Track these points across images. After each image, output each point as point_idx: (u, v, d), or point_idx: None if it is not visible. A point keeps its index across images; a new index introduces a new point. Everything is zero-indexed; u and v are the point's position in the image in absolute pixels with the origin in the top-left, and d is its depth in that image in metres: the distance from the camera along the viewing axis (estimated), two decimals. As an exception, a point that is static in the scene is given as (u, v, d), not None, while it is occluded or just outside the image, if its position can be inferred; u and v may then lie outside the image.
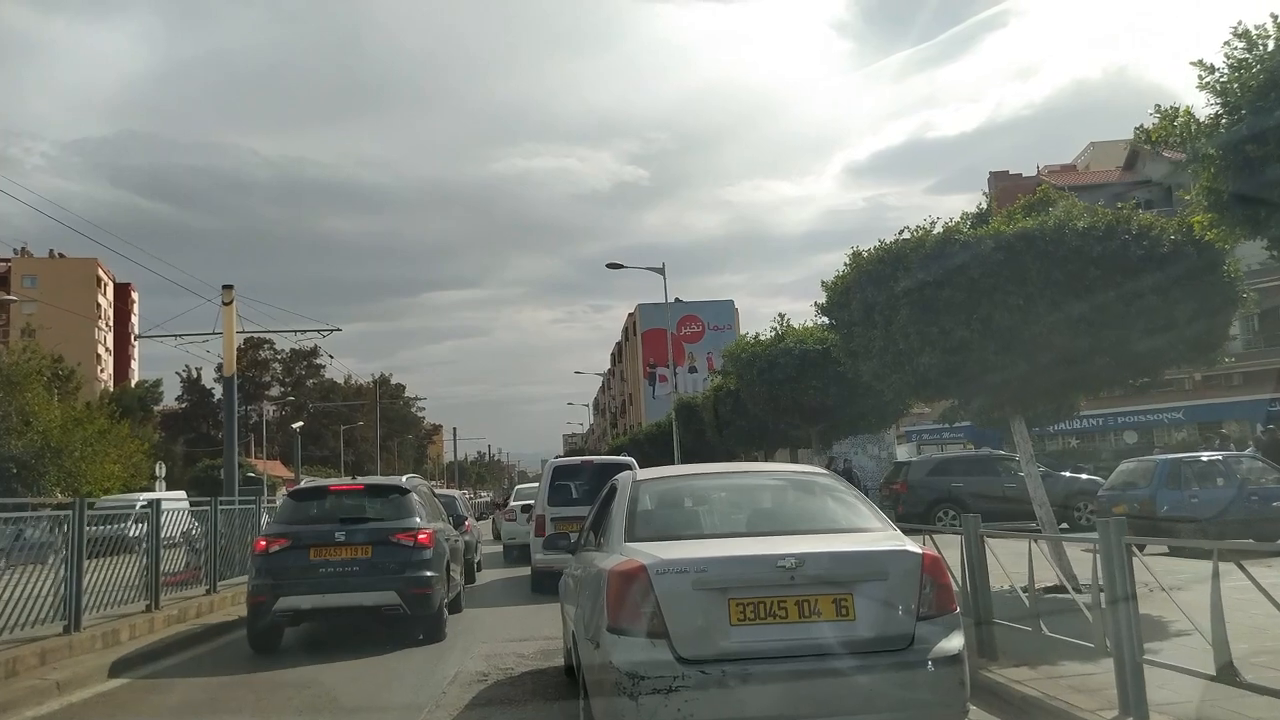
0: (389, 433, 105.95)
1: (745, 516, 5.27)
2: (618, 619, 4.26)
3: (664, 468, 6.34)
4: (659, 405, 66.82)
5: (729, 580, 4.24)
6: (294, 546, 9.07)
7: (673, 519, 5.21)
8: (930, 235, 9.45)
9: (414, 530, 9.35)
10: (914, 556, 4.37)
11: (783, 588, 4.19)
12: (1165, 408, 41.29)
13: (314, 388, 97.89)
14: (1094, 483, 19.71)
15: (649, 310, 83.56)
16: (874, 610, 4.21)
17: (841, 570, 4.28)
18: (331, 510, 9.62)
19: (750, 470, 6.53)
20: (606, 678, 4.22)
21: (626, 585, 4.28)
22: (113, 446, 43.18)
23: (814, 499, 5.28)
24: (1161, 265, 8.79)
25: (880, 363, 10.08)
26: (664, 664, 4.10)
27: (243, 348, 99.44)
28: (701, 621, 4.18)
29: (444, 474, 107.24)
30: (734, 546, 4.56)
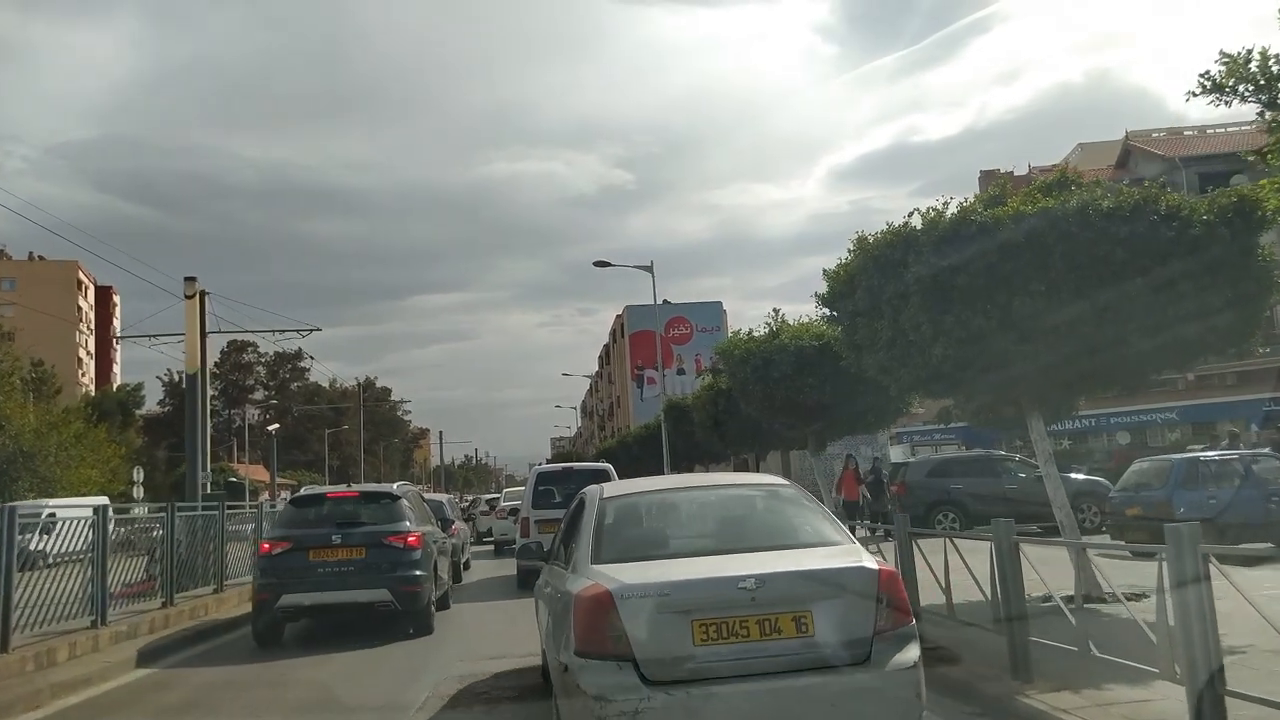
0: (375, 436, 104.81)
1: (710, 532, 5.30)
2: (585, 644, 4.34)
3: (631, 482, 6.36)
4: (647, 407, 66.09)
5: (692, 603, 4.30)
6: (295, 549, 9.85)
7: (638, 538, 5.20)
8: (944, 217, 8.77)
9: (404, 533, 10.12)
10: (871, 573, 4.46)
11: (744, 608, 4.27)
12: (1159, 408, 40.80)
13: (298, 391, 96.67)
14: (1098, 484, 19.09)
15: (636, 312, 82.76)
16: (833, 626, 4.30)
17: (801, 589, 4.36)
18: (329, 515, 10.39)
19: (716, 483, 6.47)
20: (575, 701, 4.33)
21: (592, 611, 4.36)
22: (89, 451, 42.17)
23: (777, 512, 5.36)
24: (1192, 249, 8.14)
25: (888, 355, 9.39)
26: (630, 687, 4.18)
27: (226, 351, 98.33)
28: (666, 643, 4.26)
29: (430, 478, 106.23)
30: (698, 567, 4.59)
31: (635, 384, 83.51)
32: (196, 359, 13.49)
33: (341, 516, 10.32)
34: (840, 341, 11.23)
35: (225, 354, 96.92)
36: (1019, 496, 18.70)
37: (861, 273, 9.60)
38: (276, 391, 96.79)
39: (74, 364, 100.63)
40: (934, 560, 7.36)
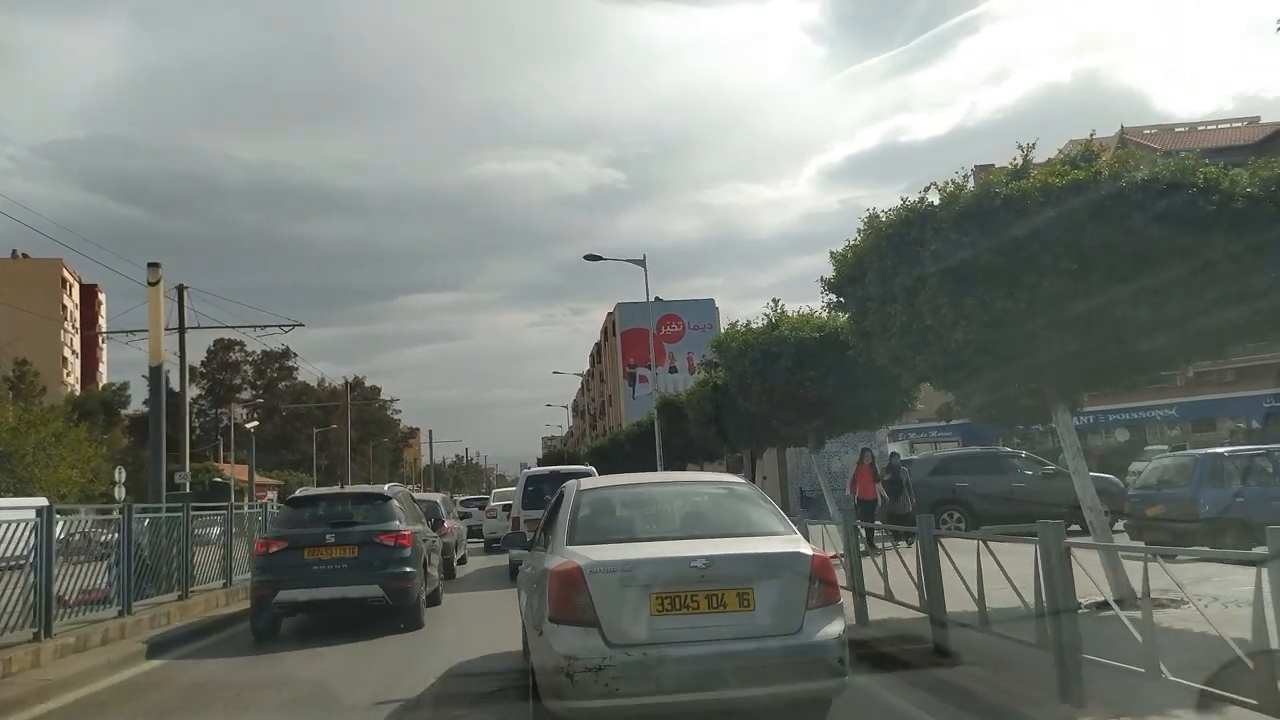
0: (364, 436, 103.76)
1: (670, 522, 5.93)
2: (558, 611, 5.01)
3: (606, 478, 7.44)
4: (639, 406, 65.33)
5: (650, 578, 4.98)
6: (291, 547, 10.32)
7: (608, 524, 5.81)
8: (964, 191, 8.07)
9: (395, 532, 10.61)
10: (806, 558, 5.16)
11: (695, 584, 4.96)
12: (1158, 404, 40.30)
13: (286, 390, 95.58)
14: (1110, 482, 18.44)
15: (628, 309, 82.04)
16: (771, 602, 4.98)
17: (745, 569, 5.06)
18: (323, 515, 10.91)
19: (679, 480, 7.25)
20: (548, 660, 4.97)
21: (565, 583, 5.02)
22: (69, 451, 41.21)
23: (731, 506, 6.07)
24: (1235, 224, 7.47)
25: (901, 343, 8.69)
26: (595, 649, 4.83)
27: (212, 350, 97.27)
28: (627, 613, 4.92)
29: (420, 477, 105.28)
30: (657, 549, 5.25)
31: (627, 382, 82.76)
32: (160, 351, 12.72)
33: (335, 516, 10.85)
34: (848, 330, 10.53)
35: (212, 353, 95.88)
36: (1026, 495, 18.06)
37: (872, 254, 8.90)
38: (264, 391, 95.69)
39: (58, 363, 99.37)
40: (958, 562, 6.65)
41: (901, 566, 7.59)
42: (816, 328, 15.18)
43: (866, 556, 10.04)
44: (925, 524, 6.82)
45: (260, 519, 15.11)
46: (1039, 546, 5.35)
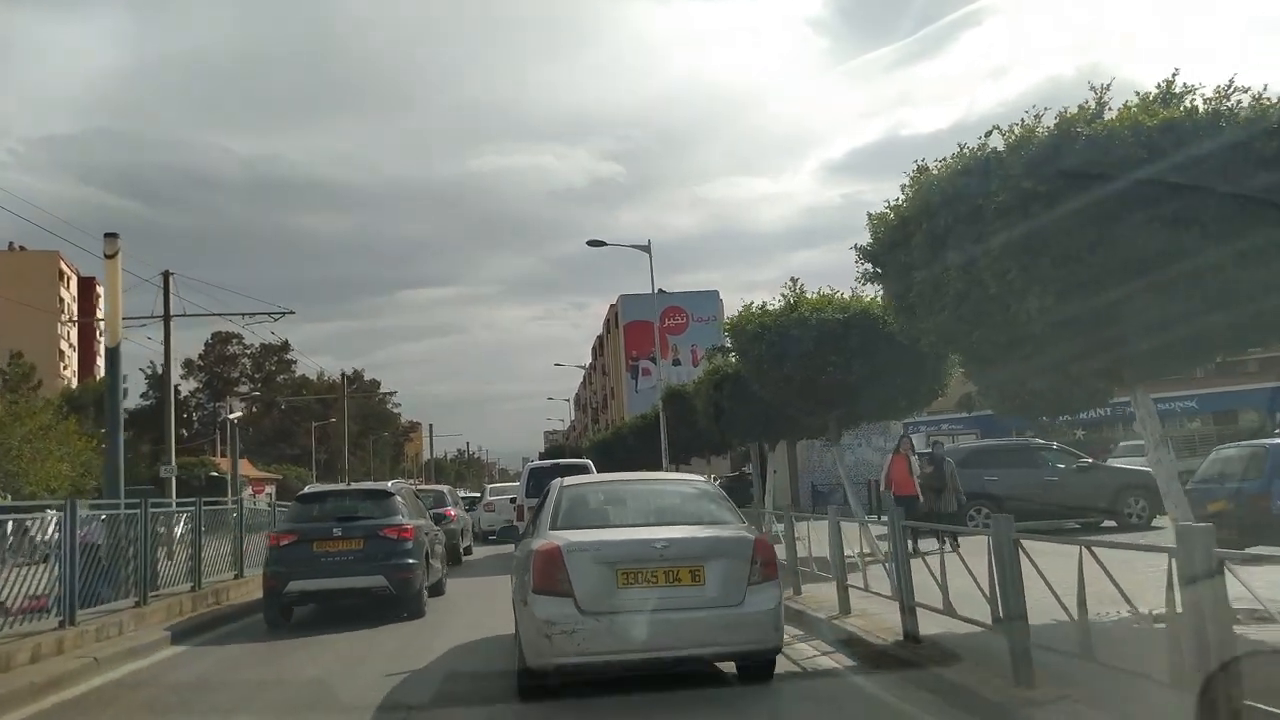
0: (364, 430, 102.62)
1: (639, 513, 6.94)
2: (540, 584, 6.10)
3: (587, 476, 9.22)
4: (642, 399, 64.22)
5: (617, 556, 6.11)
6: (300, 540, 10.97)
7: (585, 514, 6.80)
8: (1035, 132, 6.87)
9: (398, 526, 11.28)
10: (749, 542, 6.34)
11: (655, 561, 6.07)
12: (1177, 396, 39.03)
13: (285, 384, 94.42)
14: (1144, 475, 17.25)
15: (631, 301, 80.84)
16: (719, 578, 6.10)
17: (697, 550, 6.21)
18: (331, 510, 11.60)
19: (650, 478, 8.54)
20: (531, 625, 6.09)
21: (546, 560, 6.13)
22: (58, 445, 40.09)
23: (692, 501, 7.14)
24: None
25: (954, 316, 7.49)
26: (570, 616, 5.95)
27: (210, 343, 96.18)
28: (598, 585, 6.03)
29: (421, 472, 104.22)
30: (625, 534, 6.41)
31: (630, 375, 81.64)
32: (118, 331, 11.54)
33: (342, 511, 11.53)
34: (887, 305, 9.30)
35: (209, 346, 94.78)
36: (1060, 490, 16.90)
37: (920, 213, 7.70)
38: (262, 384, 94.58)
39: (55, 356, 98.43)
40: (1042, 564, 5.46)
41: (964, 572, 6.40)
42: (839, 309, 14.00)
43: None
44: (1004, 525, 5.62)
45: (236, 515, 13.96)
46: (1174, 557, 4.14)
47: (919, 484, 14.55)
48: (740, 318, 14.97)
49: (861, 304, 14.03)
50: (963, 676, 5.83)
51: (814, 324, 13.77)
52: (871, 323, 13.66)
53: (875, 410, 14.73)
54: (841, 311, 13.86)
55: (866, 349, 13.58)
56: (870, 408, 14.58)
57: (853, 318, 13.73)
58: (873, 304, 14.07)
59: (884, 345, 13.61)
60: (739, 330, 14.87)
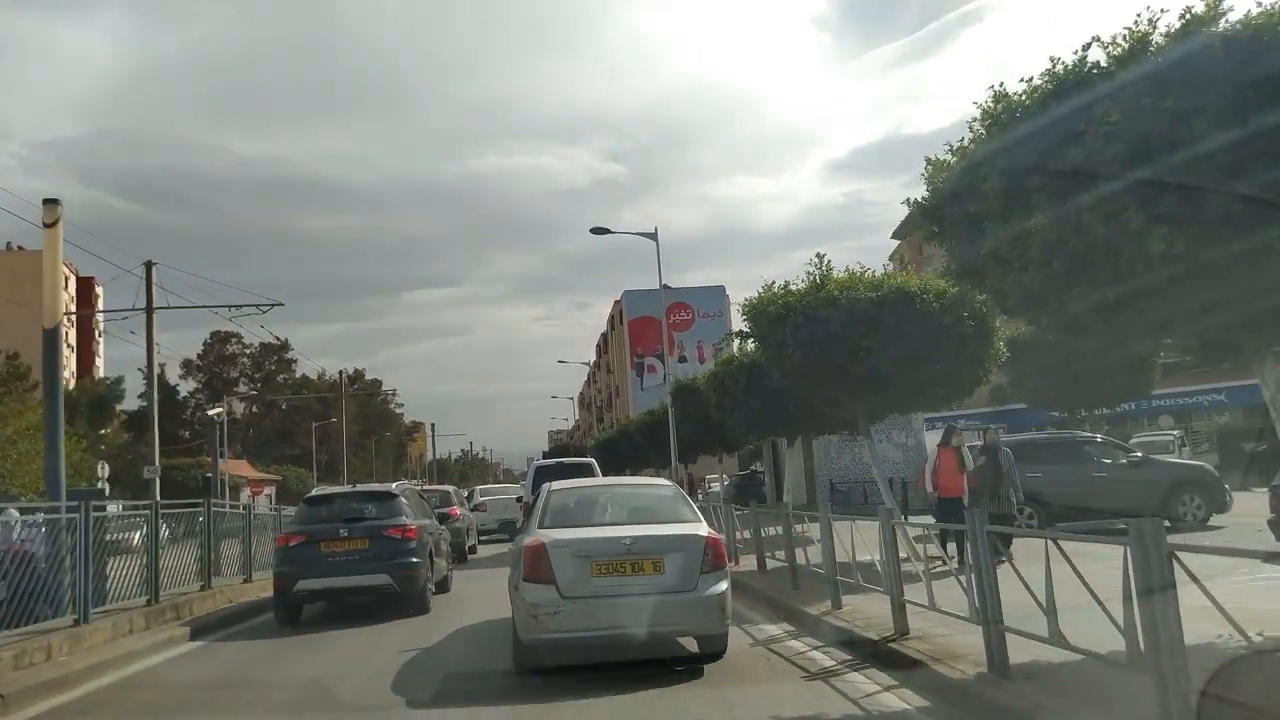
0: (365, 430, 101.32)
1: (612, 513, 8.25)
2: (528, 573, 7.33)
3: (572, 481, 10.24)
4: (648, 397, 62.82)
5: (592, 551, 7.30)
6: (308, 541, 11.33)
7: (568, 515, 8.14)
8: (1153, 37, 5.50)
9: (403, 526, 11.67)
10: (702, 538, 7.45)
11: (623, 555, 7.26)
12: (1205, 389, 37.54)
13: (285, 384, 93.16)
14: (1203, 471, 15.88)
15: (635, 298, 79.44)
16: (676, 568, 7.26)
17: (657, 546, 7.37)
18: (337, 511, 11.95)
19: (624, 483, 11.10)
20: (522, 607, 7.35)
21: (534, 554, 7.36)
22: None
23: (658, 503, 8.46)
24: None
25: (1043, 274, 6.13)
26: (553, 599, 7.13)
27: (209, 342, 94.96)
28: (575, 574, 7.20)
29: (424, 472, 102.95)
30: (599, 532, 7.64)
31: (635, 372, 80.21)
32: (58, 310, 10.17)
33: (348, 512, 11.89)
34: (946, 269, 7.90)
35: (209, 345, 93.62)
36: (1109, 487, 15.50)
37: (997, 152, 6.35)
38: (262, 384, 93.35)
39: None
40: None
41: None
42: (871, 287, 12.61)
43: (946, 572, 7.64)
44: (1150, 529, 4.20)
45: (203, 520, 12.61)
46: None
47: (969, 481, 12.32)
48: (761, 299, 13.57)
49: (895, 282, 12.67)
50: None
51: (844, 304, 12.39)
52: (907, 302, 12.30)
53: (909, 400, 13.37)
54: (873, 290, 12.48)
55: (901, 332, 12.21)
56: (904, 397, 13.21)
57: (886, 297, 12.36)
58: (908, 281, 12.72)
59: (921, 327, 12.24)
60: (760, 312, 13.47)
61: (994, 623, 5.68)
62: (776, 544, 12.42)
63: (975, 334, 12.43)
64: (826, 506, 9.84)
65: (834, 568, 8.99)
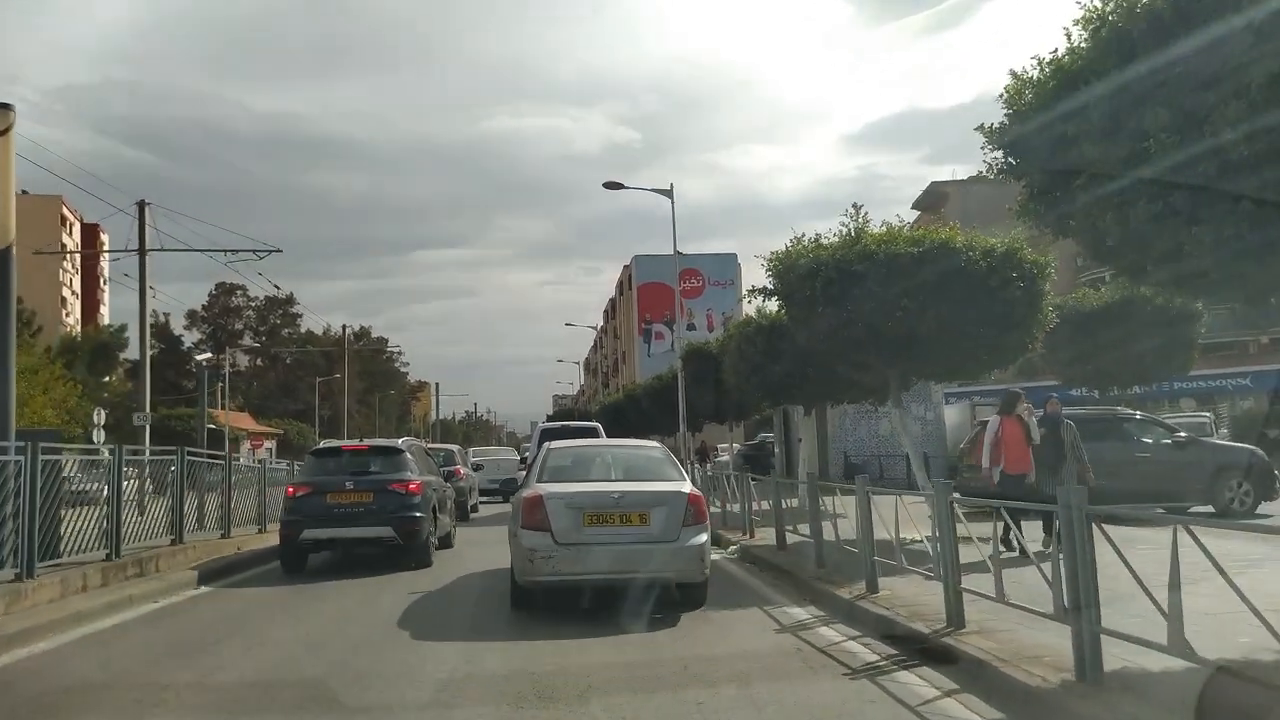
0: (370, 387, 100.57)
1: (605, 471, 9.08)
2: (526, 522, 8.04)
3: (569, 440, 11.70)
4: (655, 364, 61.78)
5: (584, 503, 8.00)
6: (314, 492, 11.67)
7: (564, 471, 8.87)
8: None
9: (406, 481, 11.98)
10: (685, 494, 8.16)
11: (612, 507, 8.00)
12: (1229, 373, 36.35)
13: (290, 338, 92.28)
14: (1250, 454, 14.83)
15: (645, 262, 78.12)
16: (661, 520, 7.96)
17: (644, 500, 8.07)
18: (344, 465, 12.27)
19: (616, 444, 11.41)
20: (519, 551, 8.10)
21: (531, 504, 8.08)
22: (39, 390, 38.08)
23: (647, 462, 9.23)
24: None
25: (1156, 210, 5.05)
26: (548, 545, 7.86)
27: (214, 294, 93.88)
28: (569, 523, 7.90)
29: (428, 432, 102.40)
30: (592, 487, 8.42)
31: (642, 338, 79.10)
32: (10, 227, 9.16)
33: (354, 466, 12.21)
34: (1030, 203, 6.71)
35: (214, 297, 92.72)
36: (1151, 469, 14.46)
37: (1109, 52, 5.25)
38: (266, 337, 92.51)
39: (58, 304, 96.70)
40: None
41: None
42: (911, 242, 11.54)
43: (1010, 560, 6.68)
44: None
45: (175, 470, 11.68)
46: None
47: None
48: (790, 252, 12.51)
49: (938, 237, 11.58)
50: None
51: (881, 259, 11.34)
52: (951, 258, 11.25)
53: (948, 366, 12.34)
54: (914, 245, 11.42)
55: (944, 291, 11.18)
56: (942, 362, 12.19)
57: (927, 253, 11.33)
58: (952, 236, 11.63)
59: (965, 287, 11.21)
60: (788, 267, 12.41)
61: (1090, 621, 4.67)
62: (794, 517, 11.44)
63: (1023, 297, 11.39)
64: (864, 479, 8.80)
65: (871, 546, 7.99)
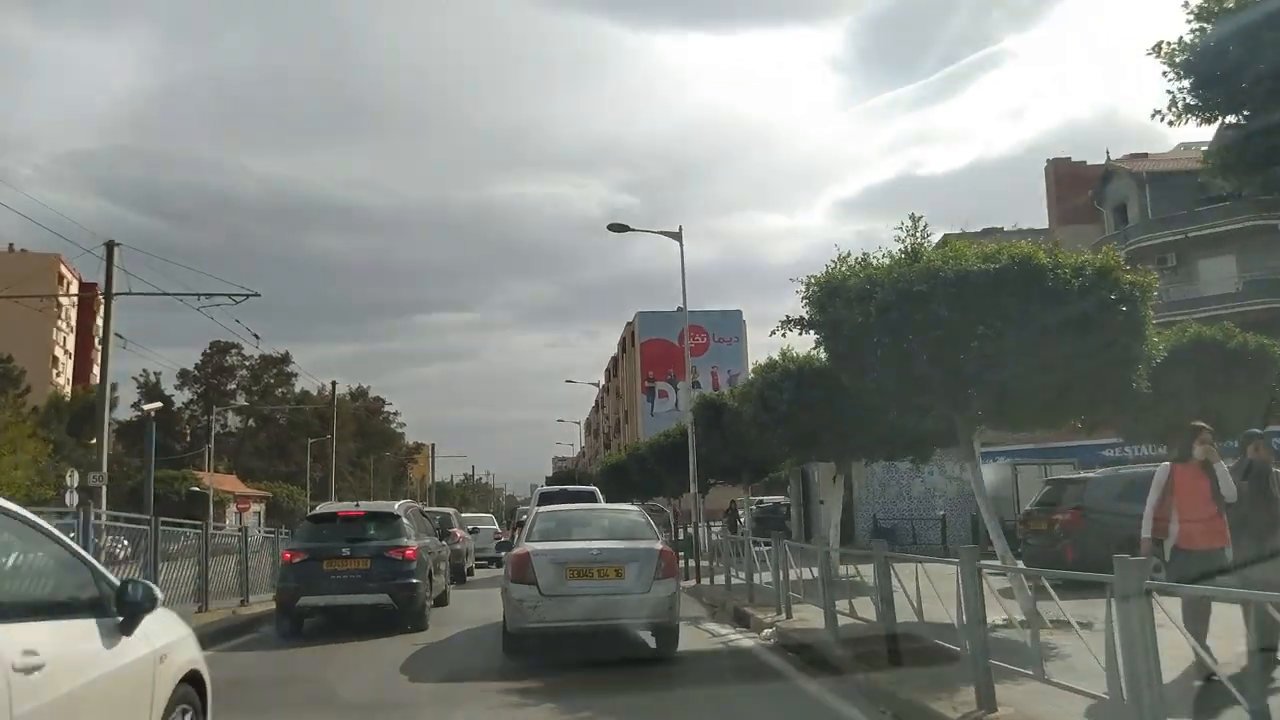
0: (365, 449, 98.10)
1: (587, 531, 10.21)
2: (514, 577, 9.28)
3: (555, 506, 12.77)
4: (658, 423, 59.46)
5: (566, 560, 9.25)
6: (311, 559, 12.10)
7: (550, 531, 10.15)
8: None
9: (403, 547, 12.40)
10: (656, 551, 9.47)
11: (591, 563, 9.24)
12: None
13: (284, 398, 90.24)
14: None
15: (649, 319, 76.43)
16: (634, 574, 9.15)
17: (620, 556, 9.32)
18: (340, 530, 12.69)
19: (598, 508, 13.36)
20: (509, 602, 9.27)
21: (519, 561, 9.33)
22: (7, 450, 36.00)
23: (624, 523, 10.49)
24: None
25: None
26: (534, 596, 9.02)
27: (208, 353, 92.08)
28: (553, 577, 9.08)
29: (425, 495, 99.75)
30: (574, 545, 9.67)
31: (645, 397, 76.94)
32: None
33: (351, 532, 12.50)
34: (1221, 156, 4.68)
35: (207, 356, 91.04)
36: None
37: None
38: (260, 397, 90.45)
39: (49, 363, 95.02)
40: None
41: None
42: (983, 258, 9.55)
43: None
44: None
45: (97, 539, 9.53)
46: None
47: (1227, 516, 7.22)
48: (834, 274, 10.51)
49: (1018, 250, 9.58)
50: None
51: (950, 278, 9.33)
52: (1036, 276, 9.26)
53: (1034, 408, 10.15)
54: (988, 262, 9.43)
55: (1028, 317, 9.16)
56: (1027, 405, 10.02)
57: (1005, 270, 9.32)
58: (1034, 252, 9.63)
59: (1054, 312, 9.19)
60: (831, 292, 10.39)
61: None
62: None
63: (1125, 324, 9.36)
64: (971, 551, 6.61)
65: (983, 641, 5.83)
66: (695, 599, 15.26)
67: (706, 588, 16.07)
